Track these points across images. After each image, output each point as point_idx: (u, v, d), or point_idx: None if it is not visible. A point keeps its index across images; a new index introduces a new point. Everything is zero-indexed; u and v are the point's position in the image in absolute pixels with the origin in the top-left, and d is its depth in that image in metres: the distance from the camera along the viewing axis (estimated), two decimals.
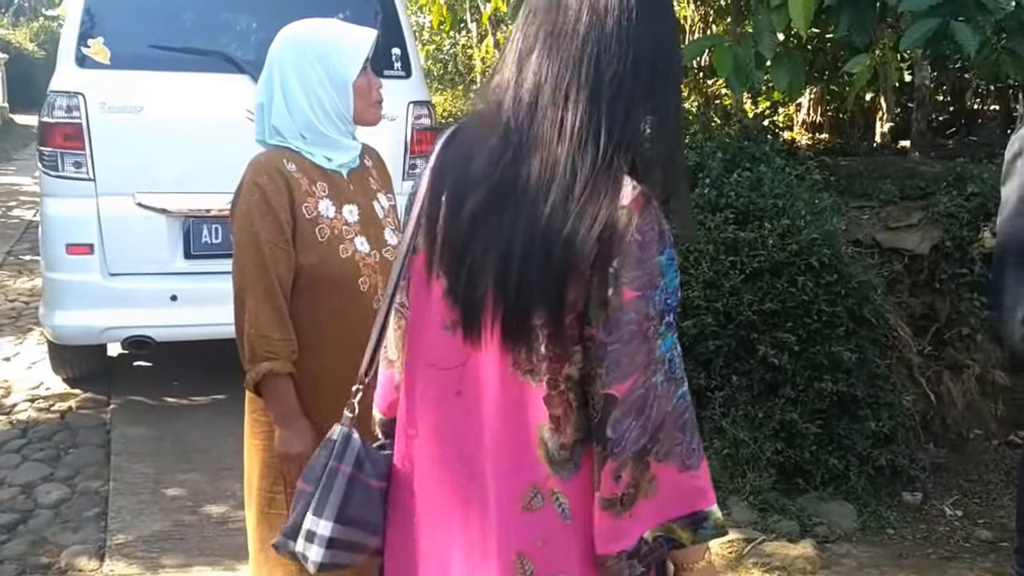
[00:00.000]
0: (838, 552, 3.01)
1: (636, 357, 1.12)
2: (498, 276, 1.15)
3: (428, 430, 1.29)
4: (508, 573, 1.20)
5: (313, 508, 1.32)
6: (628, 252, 1.12)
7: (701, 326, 3.39)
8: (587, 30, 1.16)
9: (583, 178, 1.13)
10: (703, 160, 3.72)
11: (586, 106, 1.14)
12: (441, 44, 9.46)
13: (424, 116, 4.21)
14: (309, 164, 1.89)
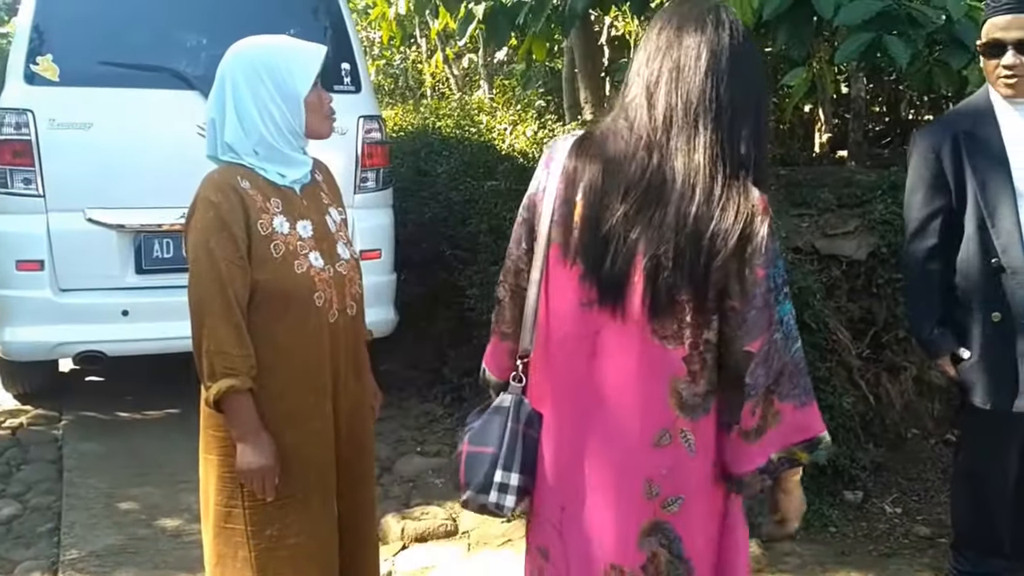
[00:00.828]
0: (782, 551, 3.09)
1: (762, 321, 1.45)
2: (650, 264, 1.46)
3: (560, 388, 1.59)
4: (639, 494, 1.53)
5: (502, 464, 1.59)
6: (760, 240, 1.44)
7: None
8: (707, 66, 1.48)
9: (720, 183, 1.45)
10: None
11: (713, 127, 1.46)
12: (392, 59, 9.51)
13: (374, 130, 4.25)
14: (263, 180, 1.91)
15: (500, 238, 4.21)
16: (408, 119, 6.71)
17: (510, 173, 4.49)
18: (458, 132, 5.48)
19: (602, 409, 1.55)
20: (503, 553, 3.13)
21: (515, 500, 1.61)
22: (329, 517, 2.01)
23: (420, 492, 3.59)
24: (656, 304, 1.47)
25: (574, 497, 1.59)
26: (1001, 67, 2.36)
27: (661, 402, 1.50)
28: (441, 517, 3.34)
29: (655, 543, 1.55)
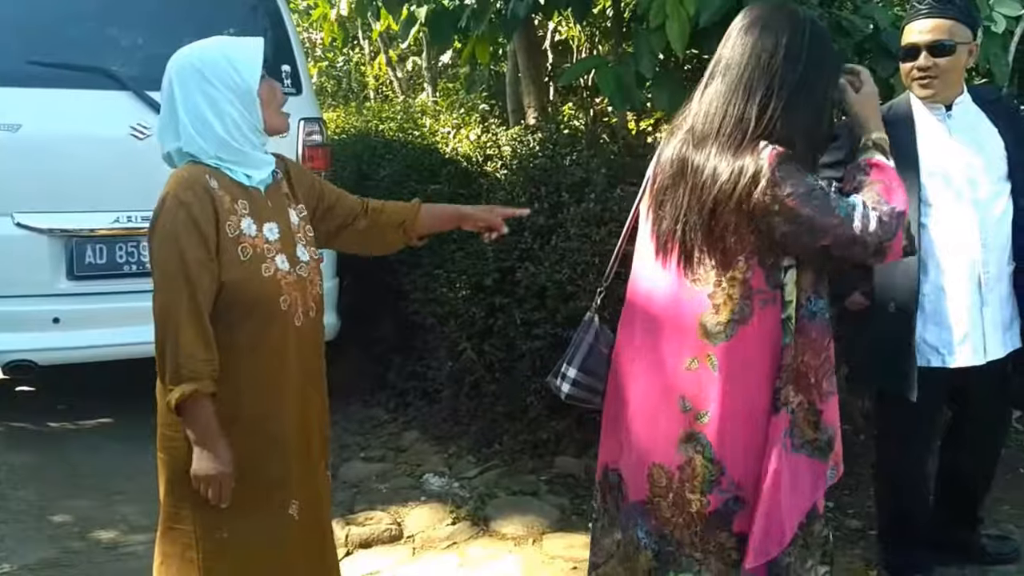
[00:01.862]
0: None
1: (826, 223, 1.77)
2: (677, 231, 1.86)
3: (635, 320, 2.01)
4: (676, 409, 1.90)
5: (567, 359, 2.14)
6: (772, 187, 1.75)
7: None
8: (746, 65, 1.85)
9: (727, 155, 1.80)
10: (589, 176, 3.84)
11: (740, 110, 1.82)
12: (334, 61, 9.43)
13: (315, 132, 4.22)
14: (230, 181, 1.88)
15: (444, 242, 4.21)
16: (351, 121, 6.67)
17: (453, 176, 4.50)
18: (401, 135, 5.46)
19: (653, 339, 1.95)
20: (448, 557, 3.14)
21: (569, 387, 2.13)
22: (284, 523, 1.99)
23: (364, 497, 3.57)
24: (685, 259, 1.87)
25: (631, 407, 1.99)
26: (915, 69, 2.50)
27: (691, 333, 1.87)
28: (385, 522, 3.34)
29: (691, 449, 1.90)
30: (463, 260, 3.97)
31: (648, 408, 1.97)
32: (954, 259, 2.51)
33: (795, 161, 1.80)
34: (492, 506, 3.42)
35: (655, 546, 1.99)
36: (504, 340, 3.77)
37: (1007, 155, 2.56)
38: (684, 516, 1.94)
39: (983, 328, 2.55)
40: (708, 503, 1.91)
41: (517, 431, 3.80)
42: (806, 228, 1.78)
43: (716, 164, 1.81)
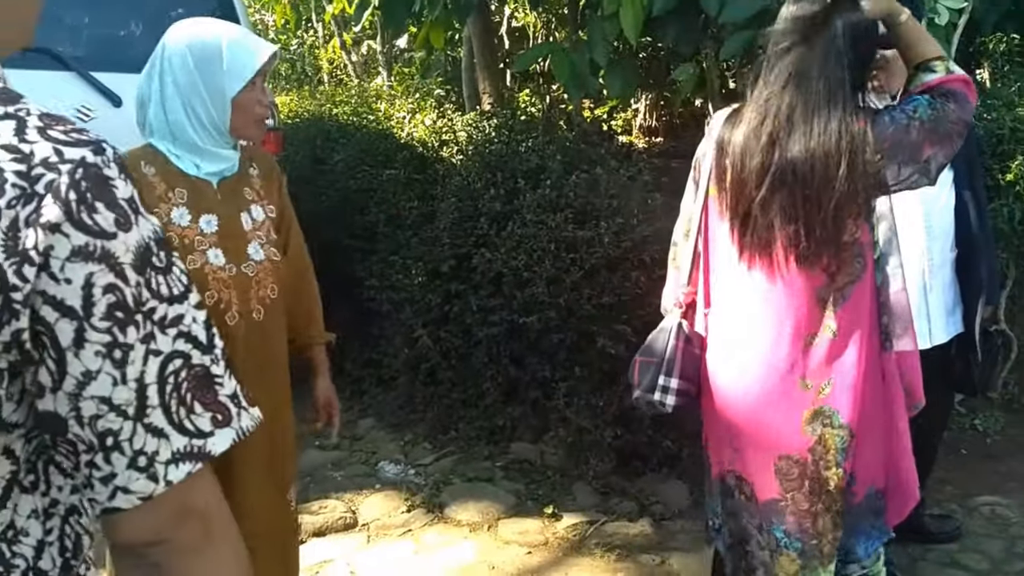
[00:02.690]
0: (673, 528, 3.20)
1: (910, 140, 1.80)
2: (787, 236, 1.83)
3: (725, 315, 1.98)
4: (797, 389, 1.89)
5: (664, 371, 2.02)
6: (876, 148, 1.79)
7: (545, 320, 3.53)
8: (820, 73, 1.82)
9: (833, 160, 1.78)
10: (544, 162, 3.85)
11: (827, 122, 1.80)
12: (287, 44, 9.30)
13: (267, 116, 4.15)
14: (173, 169, 1.83)
15: (399, 228, 4.20)
16: (304, 105, 6.57)
17: (409, 162, 4.47)
18: (356, 120, 5.39)
19: (758, 331, 1.91)
20: (403, 544, 3.15)
21: (674, 399, 2.03)
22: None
23: (319, 486, 3.56)
24: (803, 259, 1.84)
25: (741, 407, 1.95)
26: None
27: (805, 310, 1.87)
28: (340, 510, 3.33)
29: (819, 426, 1.89)
30: (419, 246, 3.96)
31: (762, 402, 1.93)
32: (898, 248, 2.56)
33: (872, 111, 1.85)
34: (447, 493, 3.43)
35: (798, 544, 1.96)
36: (460, 327, 3.77)
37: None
38: (824, 499, 1.93)
39: (928, 314, 2.63)
40: (844, 472, 1.92)
41: (473, 418, 3.81)
42: (910, 154, 1.80)
43: (830, 156, 1.79)
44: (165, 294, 0.83)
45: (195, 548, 0.85)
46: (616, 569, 2.95)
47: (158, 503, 0.82)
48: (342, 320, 4.58)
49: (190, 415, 0.84)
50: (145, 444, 0.81)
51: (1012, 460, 3.77)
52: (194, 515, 0.85)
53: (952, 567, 2.96)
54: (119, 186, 0.81)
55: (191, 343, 0.84)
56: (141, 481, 0.81)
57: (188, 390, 0.84)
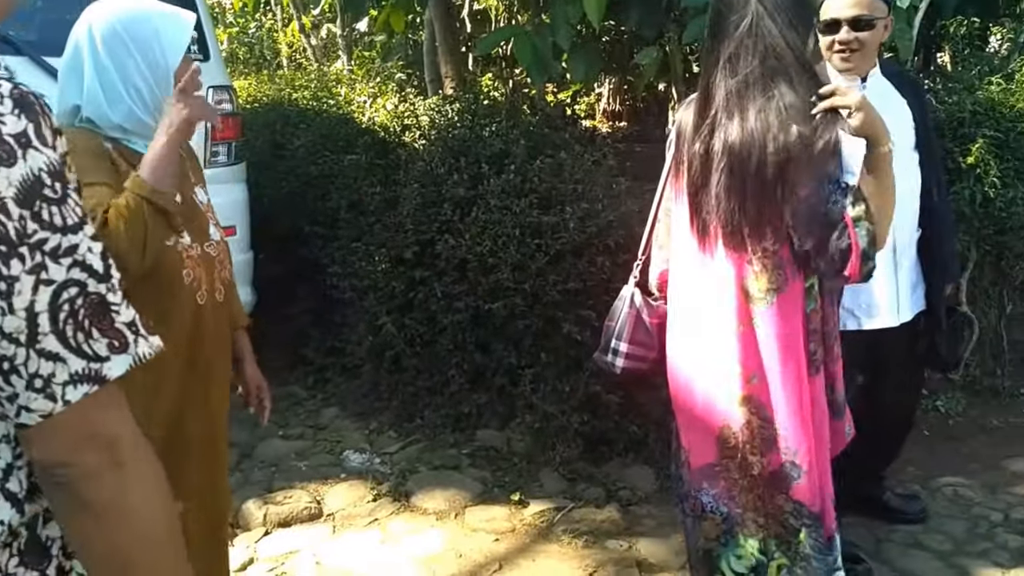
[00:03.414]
0: (639, 513, 3.20)
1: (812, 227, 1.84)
2: (723, 216, 1.89)
3: (682, 294, 2.06)
4: (734, 369, 1.95)
5: (615, 335, 2.19)
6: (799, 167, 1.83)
7: (510, 307, 3.51)
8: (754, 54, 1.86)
9: (768, 144, 1.83)
10: (508, 147, 3.82)
11: (761, 108, 1.85)
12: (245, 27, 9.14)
13: (225, 101, 4.06)
14: (127, 149, 1.80)
15: (361, 213, 4.14)
16: (263, 90, 6.46)
17: (370, 147, 4.41)
18: (316, 104, 5.32)
19: (703, 308, 2.00)
20: (369, 533, 3.12)
21: (622, 361, 2.19)
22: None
23: (283, 476, 3.51)
24: (729, 238, 1.91)
25: (694, 376, 2.05)
26: (836, 42, 2.58)
27: (737, 299, 1.94)
28: (305, 500, 3.29)
29: (748, 412, 1.97)
30: (382, 233, 3.91)
31: (708, 374, 2.02)
32: None
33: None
34: (413, 481, 3.40)
35: (724, 509, 2.04)
36: (425, 314, 3.74)
37: (915, 126, 2.67)
38: (748, 479, 2.01)
39: (897, 291, 2.68)
40: (768, 464, 1.98)
41: (438, 405, 3.79)
42: (801, 224, 1.84)
43: (757, 139, 1.85)
44: (59, 224, 0.85)
45: (99, 473, 0.88)
46: (583, 555, 2.95)
47: (62, 425, 0.86)
48: (304, 308, 4.56)
49: (88, 340, 0.88)
50: (40, 368, 0.85)
51: (974, 441, 3.84)
52: (99, 441, 0.88)
53: (916, 548, 3.00)
54: (7, 122, 0.82)
55: (87, 272, 0.88)
56: (40, 400, 0.86)
57: (85, 316, 0.87)
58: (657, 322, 2.19)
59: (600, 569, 2.86)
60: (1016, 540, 3.03)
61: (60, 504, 0.90)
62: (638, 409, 3.50)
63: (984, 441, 3.84)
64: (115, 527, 0.90)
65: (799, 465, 1.98)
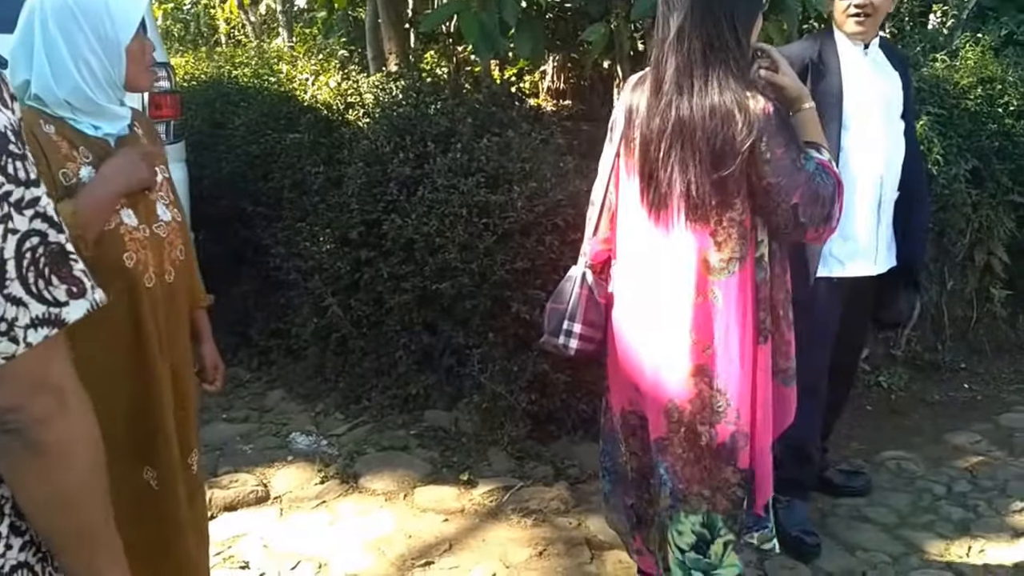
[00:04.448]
0: (588, 491, 3.21)
1: (799, 179, 1.91)
2: (685, 190, 1.94)
3: (628, 267, 2.12)
4: (686, 341, 2.00)
5: (568, 316, 2.18)
6: (766, 137, 1.89)
7: (458, 287, 3.49)
8: (696, 32, 1.92)
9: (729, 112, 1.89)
10: (454, 125, 3.78)
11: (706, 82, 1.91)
12: (181, 3, 8.89)
13: (162, 78, 3.96)
14: (70, 129, 1.75)
15: (304, 193, 4.08)
16: (201, 67, 6.30)
17: (313, 125, 4.34)
18: (256, 82, 5.19)
19: (658, 281, 2.03)
20: (318, 515, 3.09)
21: (576, 342, 2.18)
22: (139, 489, 1.86)
23: (228, 460, 3.46)
24: (693, 212, 1.95)
25: (642, 351, 2.09)
26: (852, 6, 2.67)
27: (695, 270, 1.97)
28: (251, 484, 3.24)
29: (700, 382, 2.01)
30: (326, 213, 3.86)
31: (660, 349, 2.05)
32: (863, 179, 2.73)
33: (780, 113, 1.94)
34: (361, 462, 3.38)
35: (669, 484, 2.10)
36: (371, 295, 3.70)
37: (903, 94, 2.83)
38: (695, 451, 2.05)
39: (877, 243, 2.80)
40: (716, 435, 2.03)
41: (386, 386, 3.76)
42: (786, 180, 1.91)
43: (715, 112, 1.90)
44: (23, 178, 0.91)
45: (51, 417, 0.94)
46: (533, 534, 2.96)
47: (20, 369, 0.91)
48: (247, 289, 4.48)
49: (48, 286, 0.93)
50: (5, 311, 0.90)
51: (916, 415, 3.94)
52: (48, 387, 0.94)
53: (860, 521, 3.07)
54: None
55: (47, 223, 0.93)
56: (3, 343, 0.90)
57: (45, 264, 0.92)
58: (606, 302, 2.21)
59: (550, 547, 2.88)
60: (959, 512, 3.12)
61: (5, 452, 0.94)
62: (586, 387, 3.51)
63: (926, 415, 3.95)
64: (62, 469, 0.96)
65: (746, 432, 2.04)
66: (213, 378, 2.16)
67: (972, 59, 4.29)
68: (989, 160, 4.13)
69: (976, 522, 3.05)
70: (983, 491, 3.27)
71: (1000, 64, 4.35)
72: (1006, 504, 3.16)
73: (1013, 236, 4.29)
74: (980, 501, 3.19)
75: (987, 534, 2.97)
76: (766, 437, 2.09)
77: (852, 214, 2.71)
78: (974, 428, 3.78)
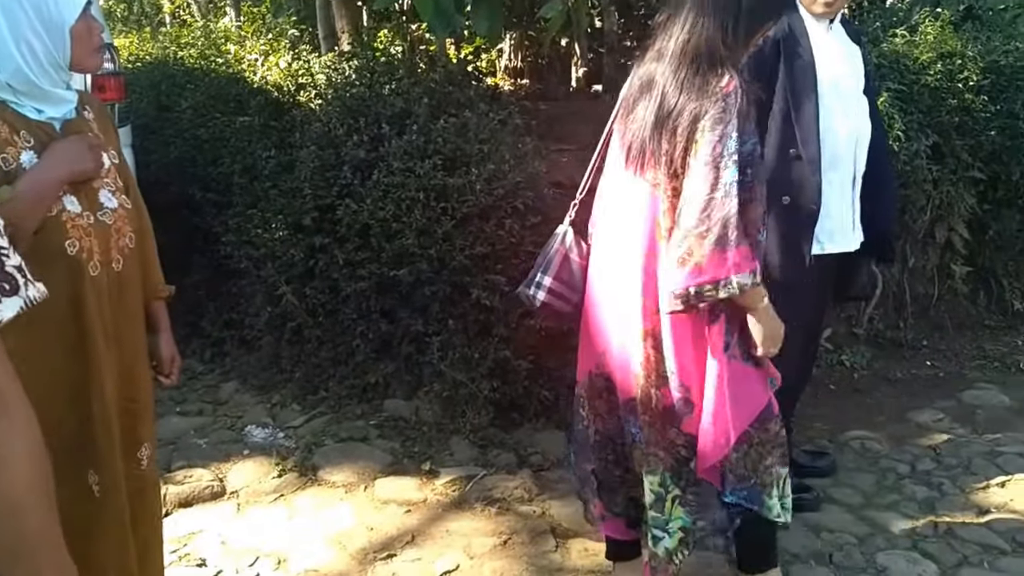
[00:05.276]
0: (551, 478, 3.19)
1: (708, 177, 1.89)
2: (637, 142, 2.02)
3: (603, 227, 2.18)
4: (639, 303, 2.03)
5: (541, 269, 2.25)
6: (709, 116, 1.89)
7: (416, 273, 3.42)
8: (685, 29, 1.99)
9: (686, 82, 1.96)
10: (409, 106, 3.70)
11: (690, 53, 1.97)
12: None
13: (107, 60, 3.82)
14: (12, 112, 1.68)
15: (255, 178, 3.96)
16: (146, 48, 6.12)
17: (263, 108, 4.21)
18: (203, 63, 5.04)
19: (620, 241, 2.08)
20: (276, 510, 3.02)
21: (543, 295, 2.24)
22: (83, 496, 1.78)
23: (182, 454, 3.36)
24: (644, 162, 2.00)
25: (608, 310, 2.13)
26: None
27: (650, 235, 2.01)
28: (207, 479, 3.16)
29: (649, 345, 2.04)
30: (279, 198, 3.77)
31: (617, 311, 2.10)
32: (841, 157, 2.72)
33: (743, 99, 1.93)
34: (320, 455, 3.31)
35: (643, 445, 2.13)
36: (326, 282, 3.62)
37: (864, 69, 2.82)
38: (649, 413, 2.09)
39: (853, 218, 2.80)
40: (663, 397, 2.07)
41: (343, 376, 3.68)
42: (697, 167, 1.90)
43: (680, 83, 1.95)
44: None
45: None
46: (497, 523, 2.91)
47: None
48: (198, 279, 4.35)
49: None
50: None
51: (878, 394, 3.95)
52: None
53: (826, 502, 3.05)
54: None
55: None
56: None
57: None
58: (584, 264, 2.24)
59: (514, 536, 2.84)
60: (923, 491, 3.12)
61: None
62: (548, 374, 3.48)
63: (889, 393, 3.96)
64: (1, 477, 0.92)
65: (691, 401, 2.06)
66: (169, 371, 2.09)
67: (932, 34, 4.28)
68: (949, 136, 4.13)
69: (940, 500, 3.05)
70: (947, 469, 3.27)
71: (960, 39, 4.35)
72: (970, 482, 3.16)
73: (973, 212, 4.31)
74: (944, 479, 3.19)
75: (952, 512, 2.97)
76: (720, 414, 2.04)
77: (830, 193, 2.70)
78: (937, 405, 3.80)
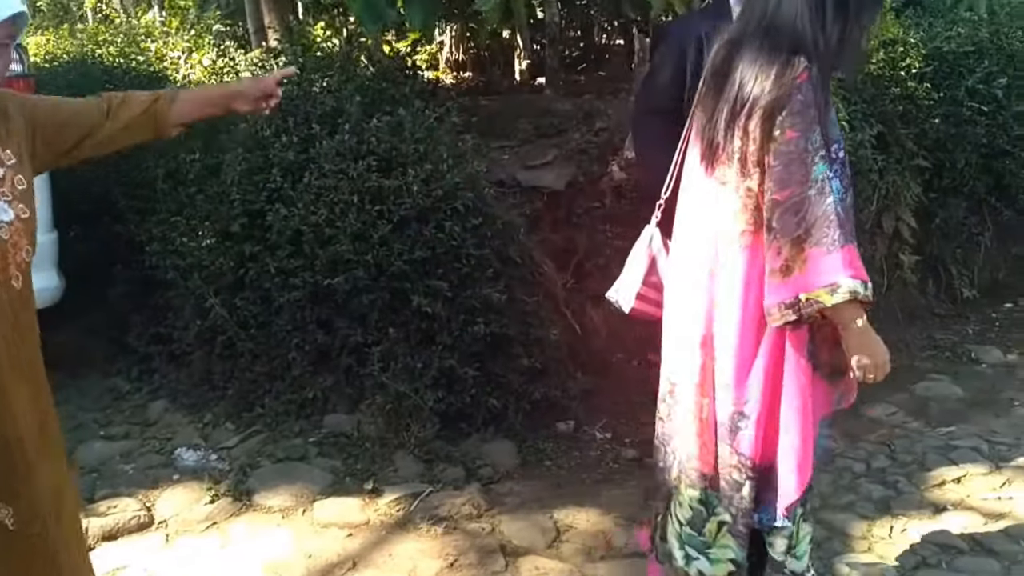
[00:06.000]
0: (501, 491, 3.10)
1: (796, 175, 1.78)
2: (708, 133, 1.92)
3: (678, 228, 2.09)
4: (701, 309, 1.96)
5: (630, 275, 2.23)
6: (791, 105, 1.77)
7: (353, 280, 3.31)
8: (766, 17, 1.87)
9: (766, 65, 1.82)
10: (341, 104, 3.58)
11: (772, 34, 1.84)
12: None
13: (14, 61, 3.62)
14: None
15: (180, 183, 3.82)
16: (63, 46, 5.91)
17: None
18: (123, 61, 4.88)
19: (690, 243, 2.01)
20: (208, 539, 2.88)
21: (632, 302, 2.22)
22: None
23: (106, 482, 3.19)
24: (716, 161, 1.90)
25: (676, 315, 2.06)
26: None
27: (719, 236, 1.92)
28: (132, 508, 2.99)
29: (704, 354, 1.96)
30: (204, 204, 3.63)
31: (681, 318, 2.04)
32: None
33: (821, 89, 1.82)
34: (255, 477, 3.16)
35: (684, 454, 2.06)
36: (258, 292, 3.48)
37: None
38: (697, 423, 2.00)
39: None
40: (714, 411, 1.97)
41: (280, 391, 3.54)
42: (781, 169, 1.78)
43: (756, 70, 1.83)
44: None
45: None
46: (444, 544, 2.80)
47: None
48: (122, 291, 4.16)
49: None
50: None
51: None
52: None
53: None
54: None
55: None
56: None
57: None
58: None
59: (462, 557, 2.73)
60: (879, 490, 3.09)
61: None
62: (496, 381, 3.40)
63: None
64: None
65: (747, 415, 1.94)
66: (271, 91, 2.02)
67: None
68: (893, 125, 4.13)
69: (897, 499, 3.02)
70: (902, 466, 3.25)
71: (901, 26, 4.34)
72: (925, 478, 3.14)
73: (920, 201, 4.32)
74: (900, 477, 3.16)
75: (908, 511, 2.94)
76: (776, 426, 1.94)
77: None
78: (889, 399, 3.76)
